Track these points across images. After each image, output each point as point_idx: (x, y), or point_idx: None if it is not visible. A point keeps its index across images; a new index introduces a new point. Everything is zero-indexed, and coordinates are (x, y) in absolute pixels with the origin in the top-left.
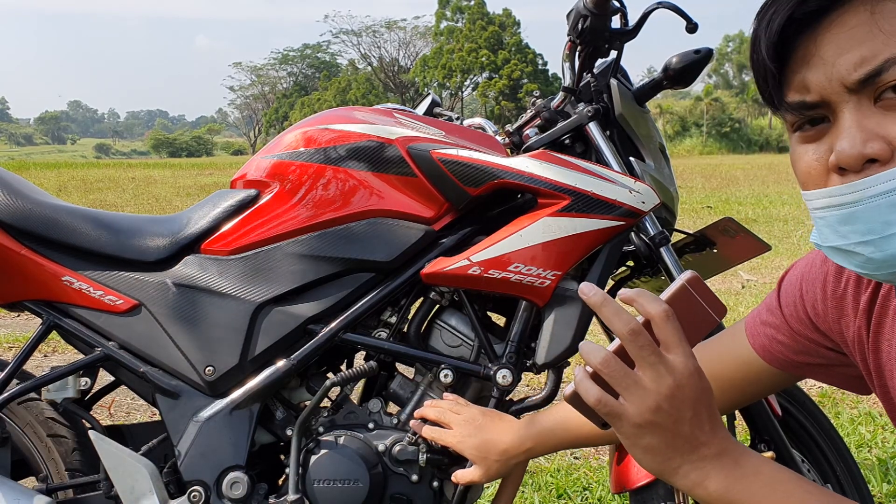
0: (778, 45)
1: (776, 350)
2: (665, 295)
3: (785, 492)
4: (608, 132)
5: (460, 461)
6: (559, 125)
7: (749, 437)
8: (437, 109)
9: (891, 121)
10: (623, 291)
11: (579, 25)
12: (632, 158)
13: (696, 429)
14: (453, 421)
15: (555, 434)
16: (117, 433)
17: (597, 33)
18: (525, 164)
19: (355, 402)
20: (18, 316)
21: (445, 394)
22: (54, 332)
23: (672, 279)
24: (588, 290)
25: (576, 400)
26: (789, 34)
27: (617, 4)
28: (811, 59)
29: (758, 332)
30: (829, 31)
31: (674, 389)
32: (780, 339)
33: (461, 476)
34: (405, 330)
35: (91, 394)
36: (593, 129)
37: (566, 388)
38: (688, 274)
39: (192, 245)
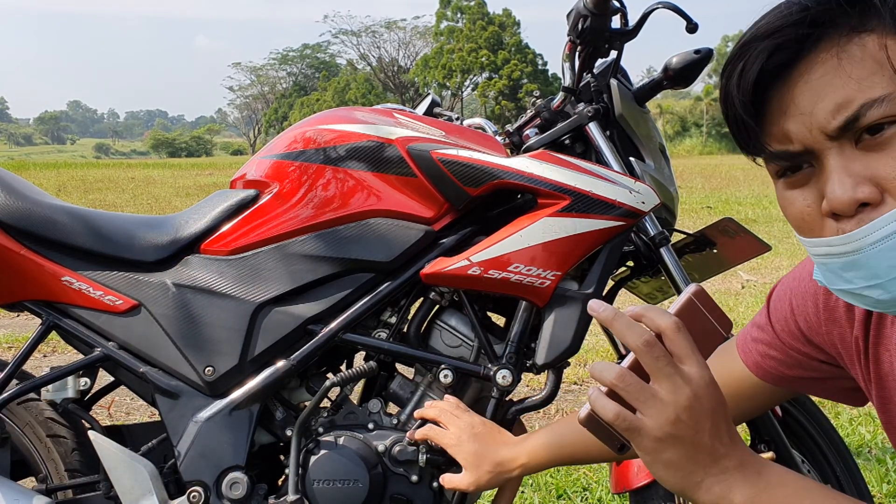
0: (753, 98)
1: (769, 366)
2: (673, 308)
3: (812, 501)
4: (608, 132)
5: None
6: (559, 125)
7: (749, 438)
8: (437, 109)
9: (875, 161)
10: (630, 309)
11: (579, 25)
12: (632, 158)
13: (716, 440)
14: (451, 422)
15: (549, 451)
16: (117, 433)
17: (597, 33)
18: (525, 164)
19: (355, 402)
20: (18, 316)
21: (447, 396)
22: (54, 332)
23: (672, 279)
24: (598, 307)
25: (591, 422)
26: (763, 87)
27: (617, 4)
28: (788, 110)
29: (749, 349)
30: (802, 81)
31: (692, 400)
32: (772, 355)
33: (448, 480)
34: (405, 330)
35: (91, 394)
36: (593, 129)
37: (581, 411)
38: (693, 287)
39: (192, 245)
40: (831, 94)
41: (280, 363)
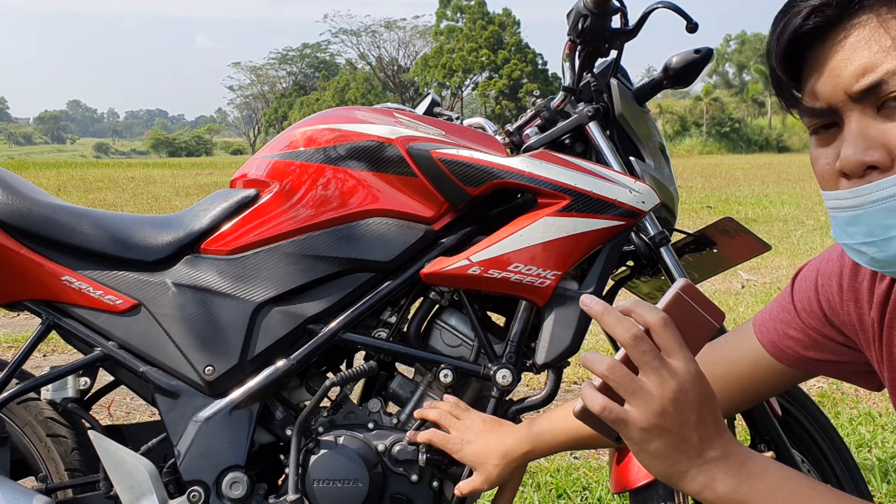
0: (787, 56)
1: (786, 345)
2: (661, 304)
3: (791, 491)
4: (608, 132)
5: (459, 462)
6: (559, 125)
7: (749, 438)
8: (437, 109)
9: (892, 129)
10: (620, 304)
11: (579, 25)
12: (632, 158)
13: (701, 432)
14: (453, 425)
15: (553, 436)
16: (117, 433)
17: (597, 33)
18: (525, 163)
19: (355, 402)
20: (18, 316)
21: (446, 396)
22: (54, 331)
23: (672, 279)
24: (589, 301)
25: (585, 414)
26: (800, 45)
27: (617, 4)
28: (820, 69)
29: (767, 328)
30: (836, 43)
31: (677, 393)
32: (791, 335)
33: (464, 487)
34: (405, 330)
35: (91, 394)
36: (593, 128)
37: (575, 404)
38: (681, 282)
39: (192, 245)
40: (861, 57)
41: (280, 363)
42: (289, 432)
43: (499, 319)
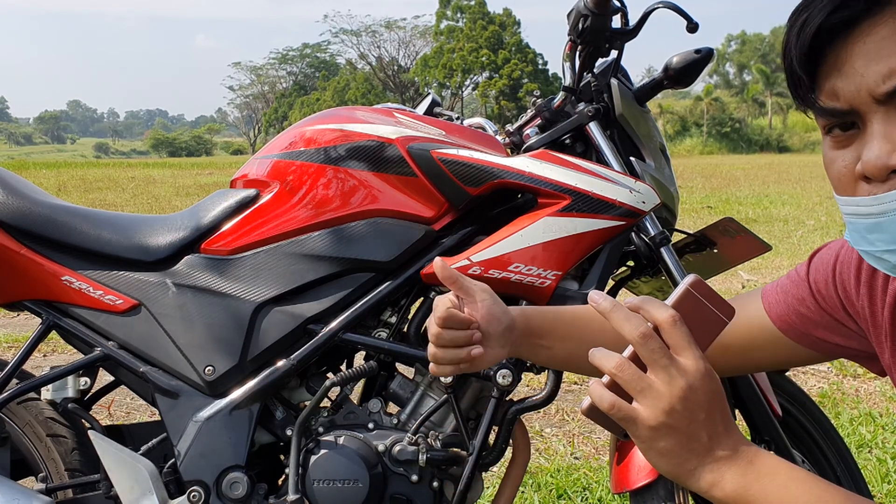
0: (809, 52)
1: (794, 321)
2: (670, 300)
3: (801, 491)
4: (608, 132)
5: (459, 462)
6: (559, 125)
7: (749, 437)
8: (437, 109)
9: None
10: (628, 300)
11: (580, 25)
12: (632, 158)
13: (710, 430)
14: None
15: (544, 315)
16: (117, 433)
17: (597, 33)
18: (525, 163)
19: (355, 402)
20: (18, 316)
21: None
22: (54, 331)
23: (672, 279)
24: (597, 298)
25: (593, 411)
26: (821, 41)
27: (617, 4)
28: (841, 68)
29: (776, 300)
30: (860, 41)
31: (686, 391)
32: (802, 312)
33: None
34: (405, 330)
35: (91, 394)
36: (594, 128)
37: (583, 402)
38: (691, 278)
39: (192, 245)
40: (887, 57)
41: (280, 363)
42: (289, 432)
43: None
